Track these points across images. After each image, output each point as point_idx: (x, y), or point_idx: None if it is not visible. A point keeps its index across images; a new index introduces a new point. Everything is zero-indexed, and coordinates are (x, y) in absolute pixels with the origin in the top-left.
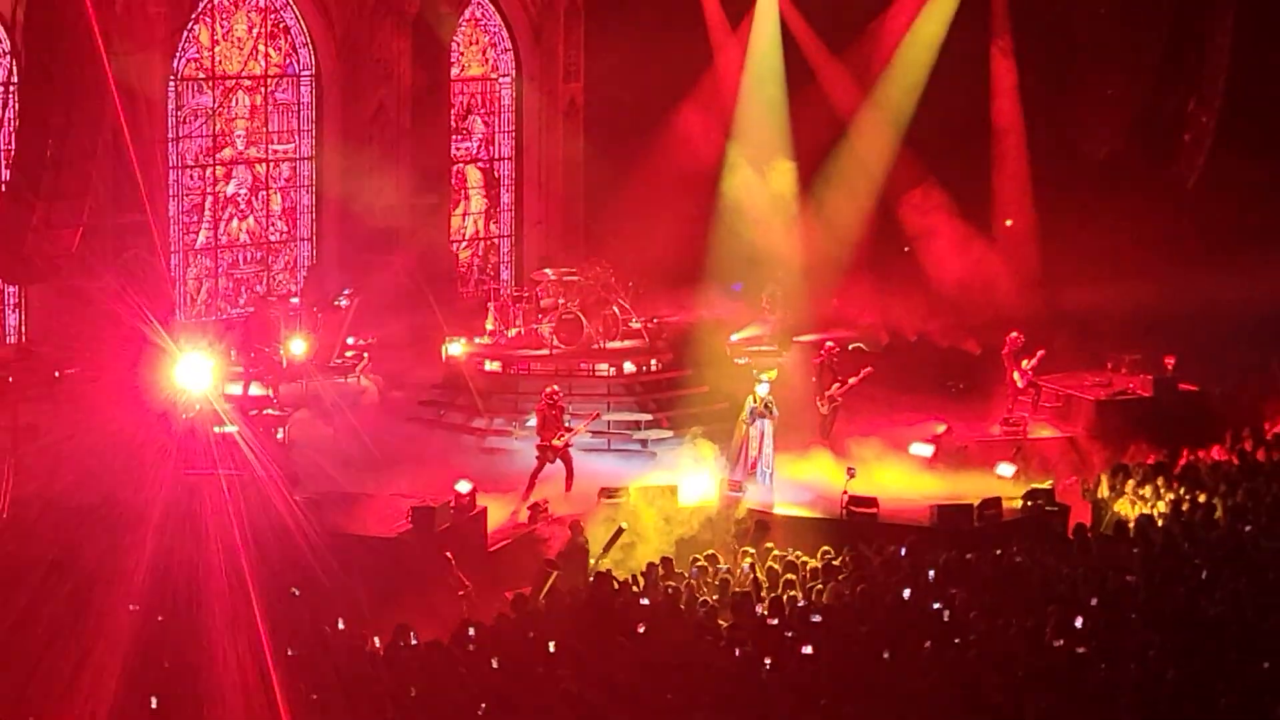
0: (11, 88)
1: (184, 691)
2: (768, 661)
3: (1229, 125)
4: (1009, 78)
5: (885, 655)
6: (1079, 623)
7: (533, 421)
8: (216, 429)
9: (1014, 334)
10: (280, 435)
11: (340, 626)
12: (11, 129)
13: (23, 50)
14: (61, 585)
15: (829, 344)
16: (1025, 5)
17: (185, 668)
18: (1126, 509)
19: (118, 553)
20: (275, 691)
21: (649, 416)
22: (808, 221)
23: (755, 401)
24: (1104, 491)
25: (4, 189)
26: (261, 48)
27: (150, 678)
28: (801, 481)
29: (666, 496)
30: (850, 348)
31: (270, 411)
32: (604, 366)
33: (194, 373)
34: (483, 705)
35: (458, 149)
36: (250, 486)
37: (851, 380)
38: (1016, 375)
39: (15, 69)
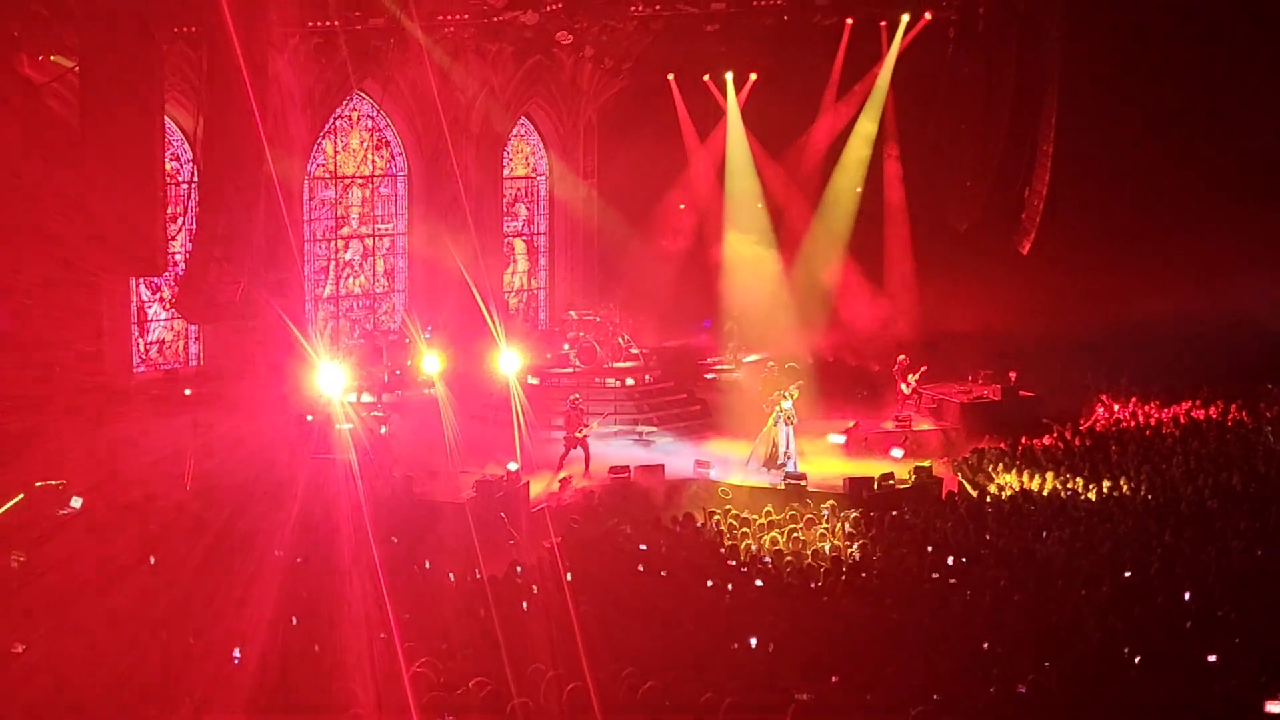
0: (193, 184)
1: (318, 613)
2: (730, 587)
3: (1053, 207)
4: (896, 173)
5: (813, 585)
6: (950, 562)
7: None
8: (338, 426)
9: (902, 356)
10: (383, 430)
11: (427, 565)
12: (193, 214)
13: (201, 158)
14: (231, 537)
15: (771, 363)
16: (907, 124)
17: (319, 596)
18: (984, 480)
19: (270, 514)
20: (388, 613)
21: (643, 416)
22: (758, 277)
23: (781, 411)
24: (967, 468)
25: (189, 256)
26: (370, 155)
27: (293, 603)
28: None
29: (656, 474)
30: (786, 366)
31: (376, 413)
32: (612, 380)
33: (331, 381)
34: (524, 604)
35: (508, 227)
36: (363, 466)
37: (791, 389)
38: (904, 386)
39: (195, 171)
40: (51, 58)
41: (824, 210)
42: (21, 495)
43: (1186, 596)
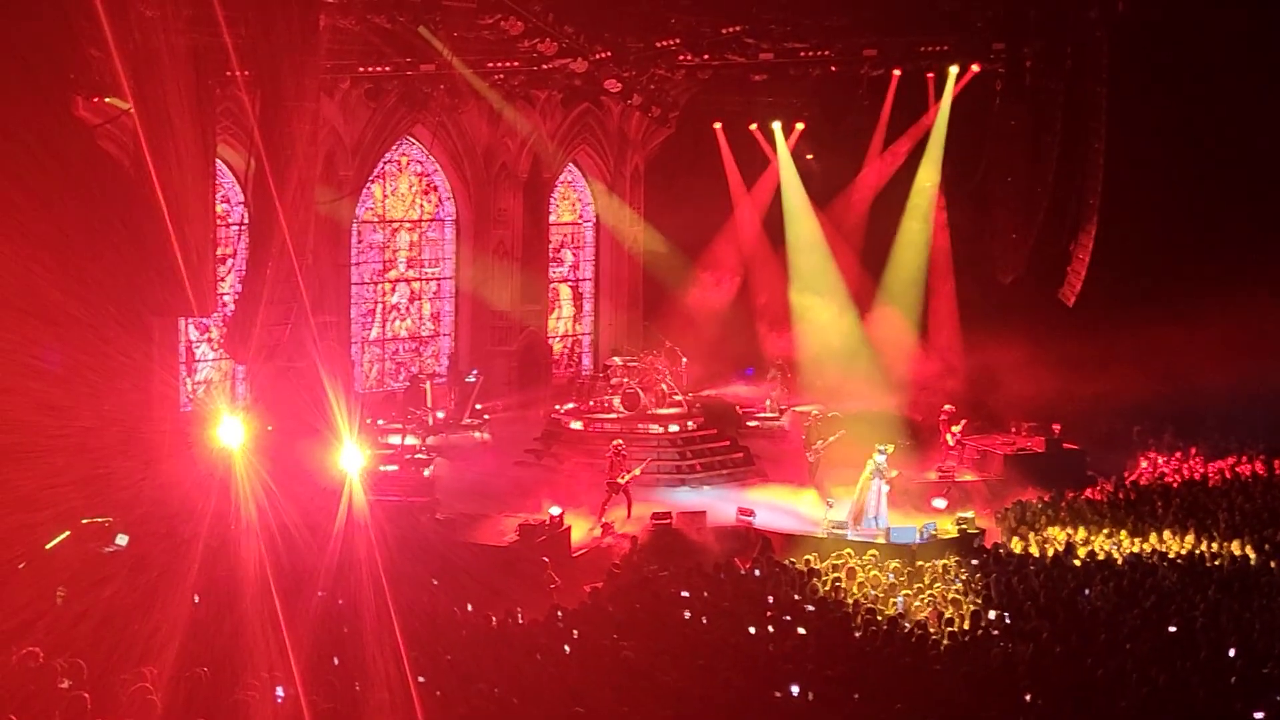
0: (243, 226)
1: (359, 654)
2: (770, 629)
3: (1098, 260)
4: (942, 224)
5: (856, 634)
6: (992, 614)
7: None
8: (383, 468)
9: (947, 407)
10: (427, 473)
11: (469, 608)
12: (243, 255)
13: (251, 200)
14: (278, 577)
15: (814, 412)
16: (952, 173)
17: (360, 637)
18: (1027, 532)
19: (310, 554)
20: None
21: (686, 463)
22: (808, 324)
23: (874, 466)
24: (1010, 520)
25: (237, 297)
26: (418, 200)
27: (335, 644)
28: (796, 510)
29: (699, 520)
30: (829, 415)
31: (420, 456)
32: (655, 427)
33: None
34: (566, 648)
35: (554, 272)
36: (405, 509)
37: (831, 438)
38: (948, 436)
39: (246, 213)
40: (105, 100)
41: (888, 261)
42: (68, 532)
43: (1231, 652)
